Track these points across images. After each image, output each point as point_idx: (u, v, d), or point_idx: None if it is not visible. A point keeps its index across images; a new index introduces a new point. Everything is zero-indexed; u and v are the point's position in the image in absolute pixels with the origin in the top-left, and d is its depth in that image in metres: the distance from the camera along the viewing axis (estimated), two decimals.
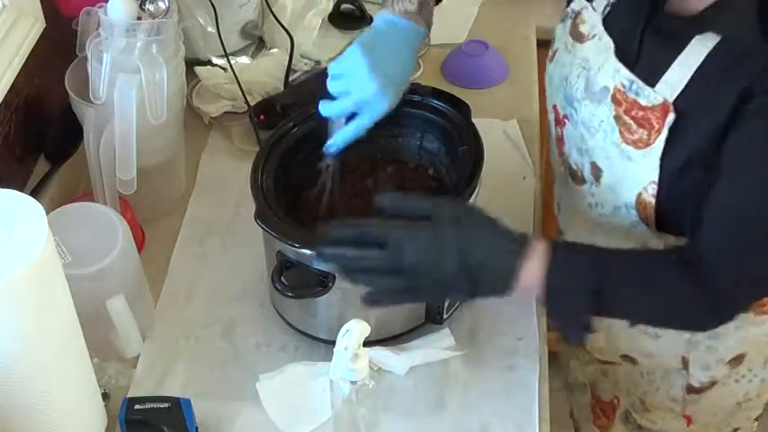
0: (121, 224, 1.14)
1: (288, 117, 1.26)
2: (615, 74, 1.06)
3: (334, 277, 1.09)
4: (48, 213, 0.88)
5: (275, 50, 1.63)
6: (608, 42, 1.08)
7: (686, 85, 0.99)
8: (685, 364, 1.26)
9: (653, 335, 1.24)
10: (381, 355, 1.16)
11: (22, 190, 1.22)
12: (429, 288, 0.99)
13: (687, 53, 0.99)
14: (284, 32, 1.56)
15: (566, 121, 1.16)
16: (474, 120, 1.23)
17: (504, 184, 1.40)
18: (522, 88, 1.63)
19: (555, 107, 1.19)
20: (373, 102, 1.13)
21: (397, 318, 1.18)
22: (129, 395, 1.13)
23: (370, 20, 1.73)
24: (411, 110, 1.24)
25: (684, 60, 1.00)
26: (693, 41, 0.99)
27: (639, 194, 1.06)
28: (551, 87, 1.20)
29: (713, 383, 1.29)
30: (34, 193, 1.34)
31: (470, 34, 1.74)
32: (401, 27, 1.16)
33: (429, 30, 1.20)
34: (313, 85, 1.51)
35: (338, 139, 1.16)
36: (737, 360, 1.26)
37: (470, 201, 1.14)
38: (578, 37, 1.13)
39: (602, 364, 1.38)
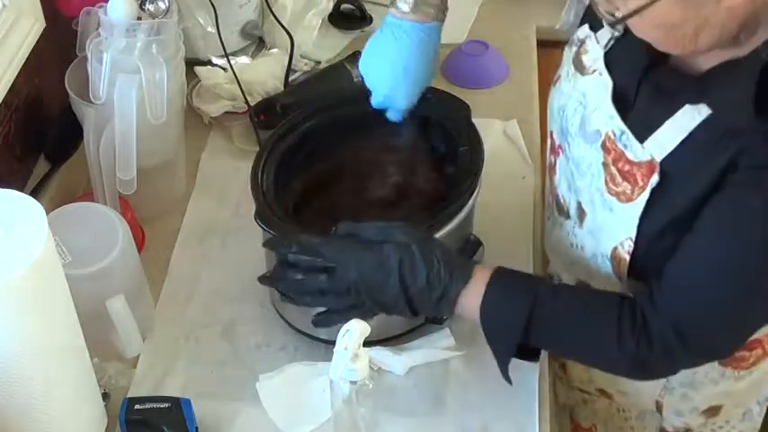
0: (121, 224, 1.14)
1: (288, 117, 1.26)
2: (609, 120, 1.02)
3: None
4: (48, 213, 0.89)
5: (275, 50, 1.62)
6: (606, 81, 1.04)
7: (675, 148, 0.95)
8: (659, 407, 1.24)
9: None
10: (381, 355, 1.16)
11: (22, 190, 1.22)
12: (373, 308, 1.04)
13: (681, 115, 0.95)
14: (284, 32, 1.56)
15: (560, 151, 1.13)
16: (474, 120, 1.22)
17: (504, 184, 1.40)
18: (522, 88, 1.62)
19: (552, 134, 1.16)
20: (389, 100, 1.19)
21: (398, 318, 1.18)
22: (129, 395, 1.13)
23: (371, 20, 1.74)
24: (411, 110, 1.23)
25: (677, 122, 0.95)
26: (688, 106, 0.95)
27: (615, 248, 1.04)
28: (551, 113, 1.16)
29: (687, 431, 1.27)
30: (34, 193, 1.33)
31: (470, 34, 1.74)
32: (407, 32, 1.14)
33: (444, 15, 1.17)
34: (313, 85, 1.51)
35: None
36: (713, 411, 1.24)
37: (469, 204, 1.15)
38: (580, 68, 1.09)
39: (581, 393, 1.36)
